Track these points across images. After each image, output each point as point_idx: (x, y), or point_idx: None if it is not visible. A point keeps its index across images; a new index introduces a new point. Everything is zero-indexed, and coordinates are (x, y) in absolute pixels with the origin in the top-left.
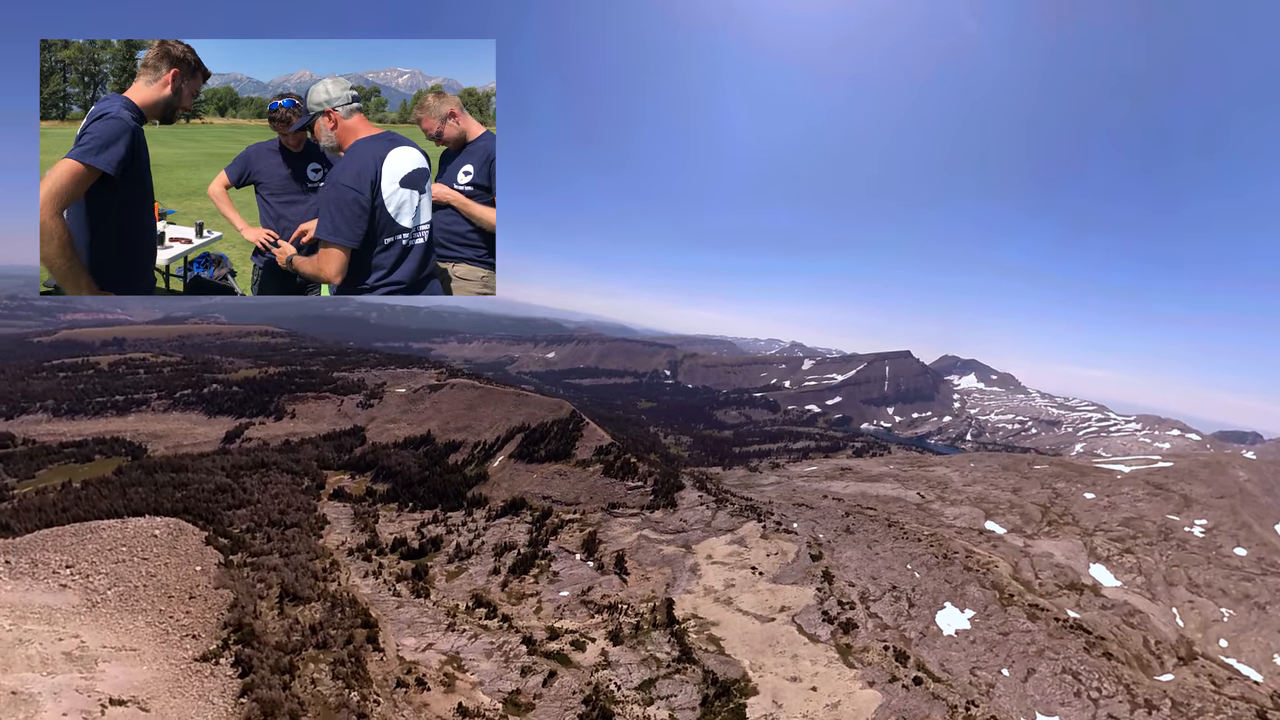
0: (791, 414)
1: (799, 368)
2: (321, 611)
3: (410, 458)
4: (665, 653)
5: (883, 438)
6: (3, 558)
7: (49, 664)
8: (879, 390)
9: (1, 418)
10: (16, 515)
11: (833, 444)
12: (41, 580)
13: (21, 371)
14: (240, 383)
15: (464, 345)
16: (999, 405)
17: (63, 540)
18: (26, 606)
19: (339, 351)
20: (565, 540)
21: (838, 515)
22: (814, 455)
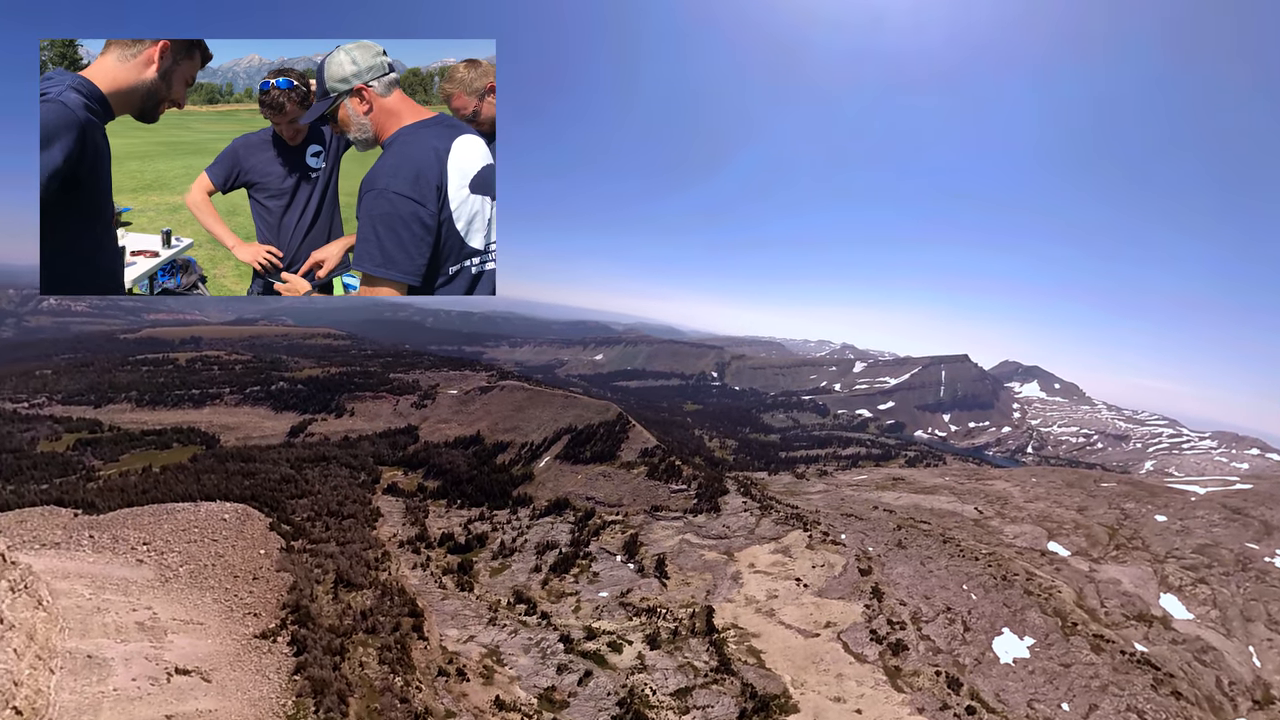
0: (841, 419)
1: (849, 370)
2: (372, 599)
3: (460, 456)
4: (703, 661)
5: (937, 447)
6: (88, 532)
7: (123, 632)
8: (934, 396)
9: (91, 406)
10: (101, 495)
11: (884, 452)
12: (121, 555)
13: (109, 365)
14: (305, 381)
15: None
16: (1062, 416)
17: (141, 519)
18: (106, 578)
19: (396, 354)
20: (607, 541)
21: (889, 528)
22: (864, 463)
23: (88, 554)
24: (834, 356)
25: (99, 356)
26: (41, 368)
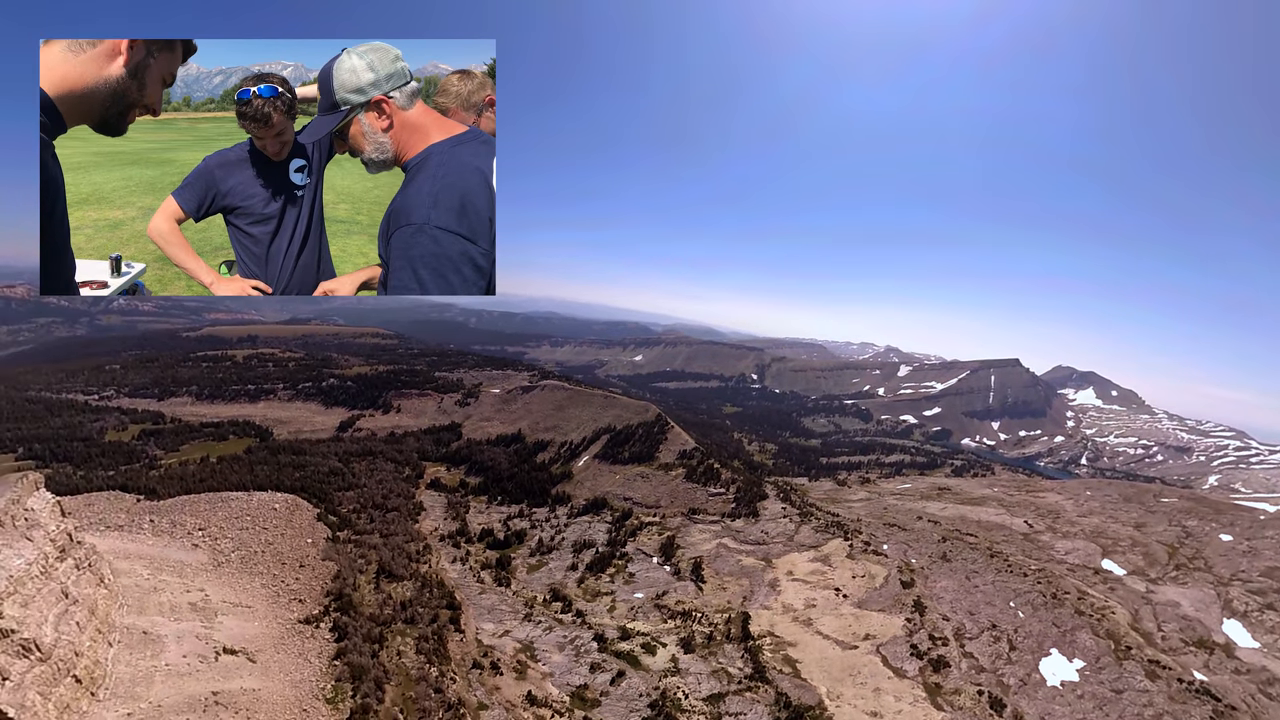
0: (885, 424)
1: (894, 374)
2: (412, 590)
3: (501, 454)
4: (737, 668)
5: (985, 456)
6: (148, 517)
7: (176, 611)
8: (983, 402)
9: (155, 399)
10: (162, 482)
11: (930, 460)
12: (178, 539)
13: (172, 361)
14: (354, 379)
15: (556, 349)
16: (1120, 426)
17: (198, 506)
18: (163, 560)
19: (441, 353)
20: (643, 542)
21: (933, 540)
22: (908, 471)
23: (148, 537)
24: (878, 359)
25: (163, 353)
26: (111, 363)
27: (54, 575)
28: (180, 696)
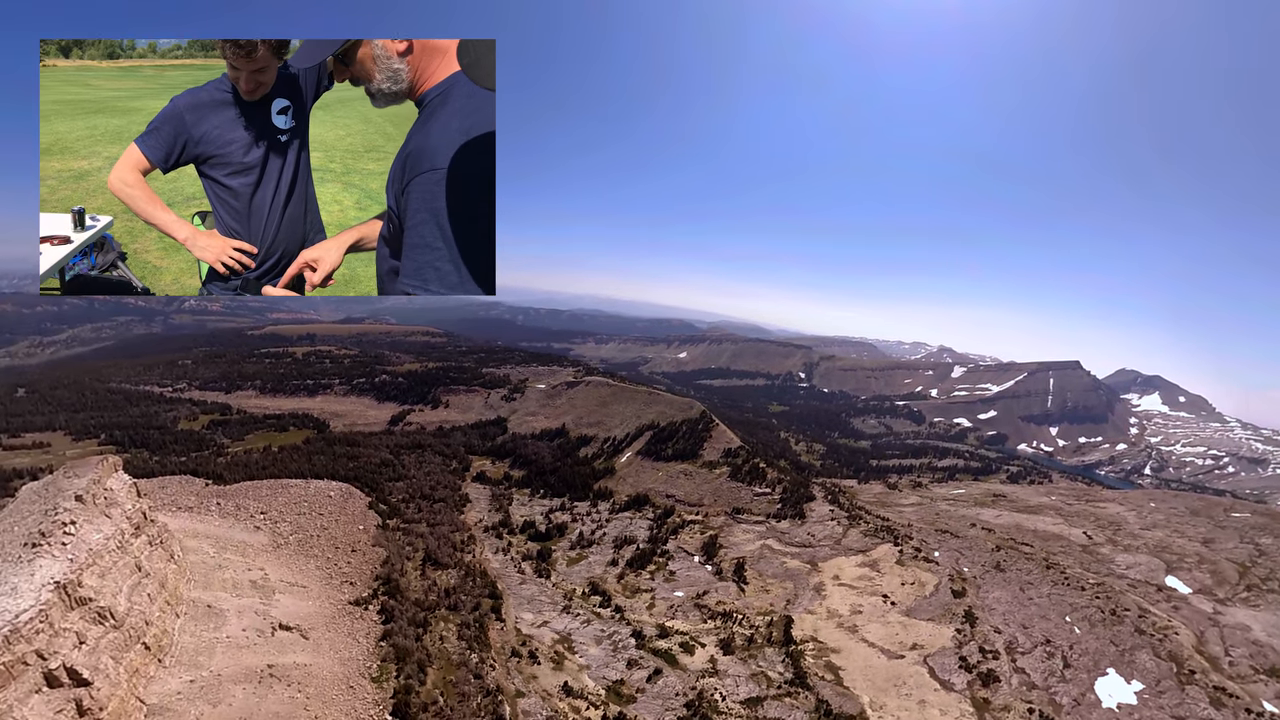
0: (938, 427)
1: (947, 375)
2: (456, 578)
3: (545, 448)
4: (778, 672)
5: (1043, 463)
6: (215, 500)
7: (238, 588)
8: (1041, 406)
9: (222, 392)
10: (228, 468)
11: (984, 465)
12: (241, 521)
13: (238, 357)
14: (404, 375)
15: (600, 345)
16: (1188, 434)
17: (260, 492)
18: (228, 540)
19: (488, 350)
20: (685, 541)
21: (987, 548)
22: (961, 476)
23: (214, 518)
24: (930, 360)
25: (230, 350)
26: (183, 358)
27: (129, 550)
28: (238, 667)
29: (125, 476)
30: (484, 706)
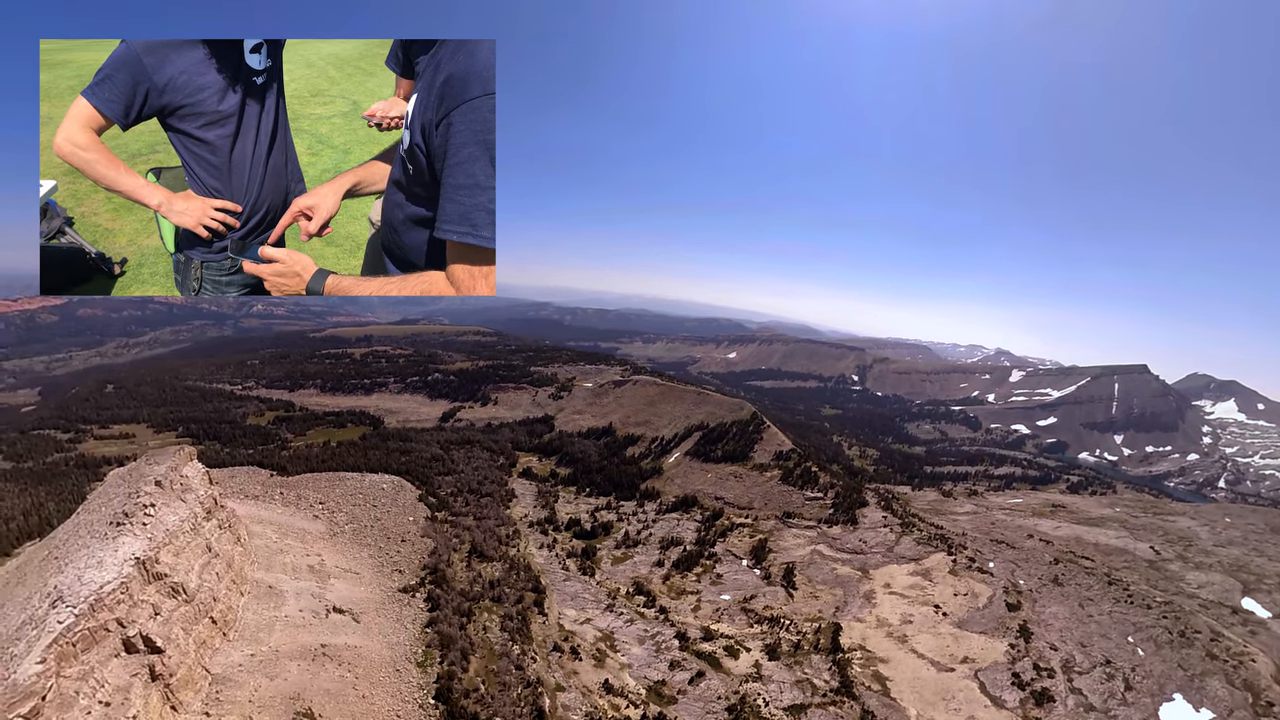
0: (995, 434)
1: (1005, 379)
2: (501, 571)
3: (592, 447)
4: (823, 680)
5: (1107, 473)
6: (279, 490)
7: (297, 571)
8: (1104, 413)
9: (286, 390)
10: (291, 461)
11: (1043, 474)
12: (302, 510)
13: (300, 358)
14: (456, 373)
15: (648, 345)
16: (1267, 445)
17: (319, 483)
18: (289, 526)
19: (536, 349)
20: (733, 544)
21: (1044, 561)
22: (1019, 485)
23: (278, 506)
24: (987, 363)
25: (293, 351)
26: (251, 358)
27: (201, 532)
28: (295, 645)
29: (199, 465)
30: (524, 697)
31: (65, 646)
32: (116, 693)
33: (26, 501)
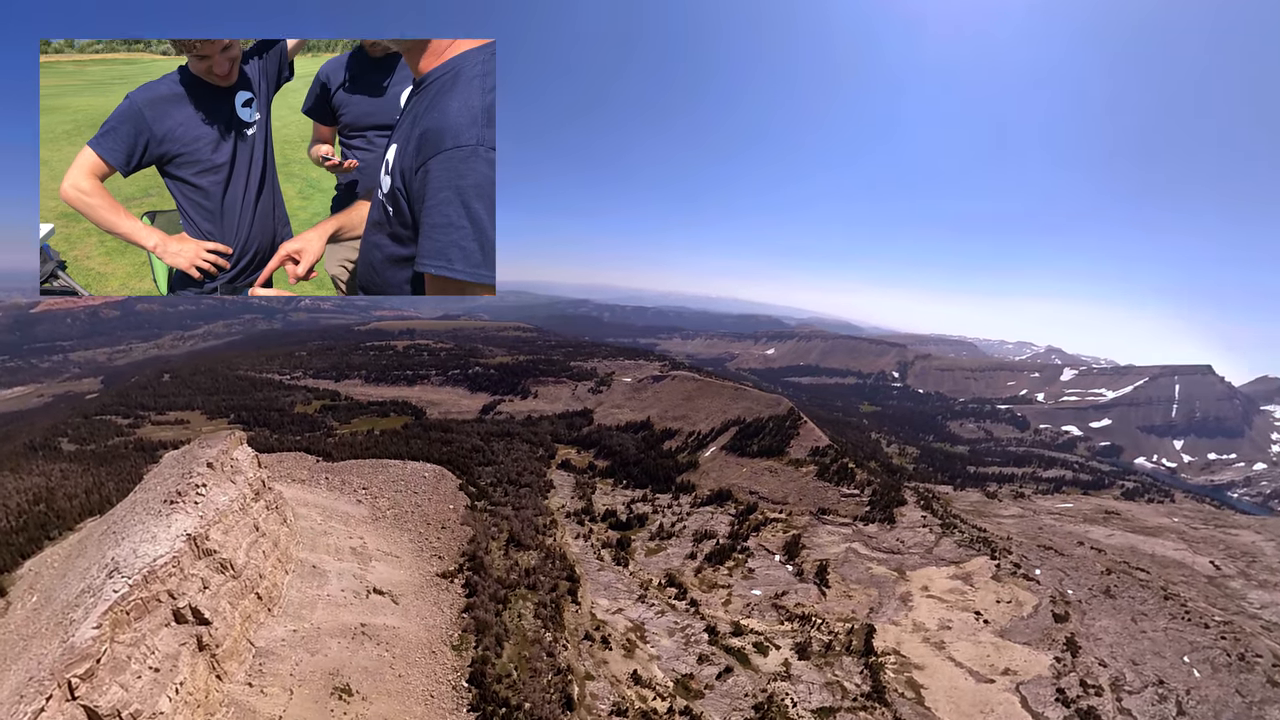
0: (1044, 435)
1: (1056, 378)
2: (537, 559)
3: (629, 440)
4: (854, 684)
5: (1164, 480)
6: (324, 475)
7: (339, 553)
8: (1163, 415)
9: (332, 380)
10: (336, 448)
11: (1095, 478)
12: (346, 494)
13: (346, 350)
14: (496, 367)
15: (687, 341)
16: None
17: (363, 469)
18: (333, 510)
19: (576, 344)
20: (766, 539)
21: (1095, 571)
22: (1069, 489)
23: (323, 490)
24: (1037, 361)
25: (339, 343)
26: (299, 350)
27: (249, 512)
28: (335, 623)
29: (249, 449)
30: (554, 684)
31: (119, 614)
32: (165, 659)
33: (88, 480)
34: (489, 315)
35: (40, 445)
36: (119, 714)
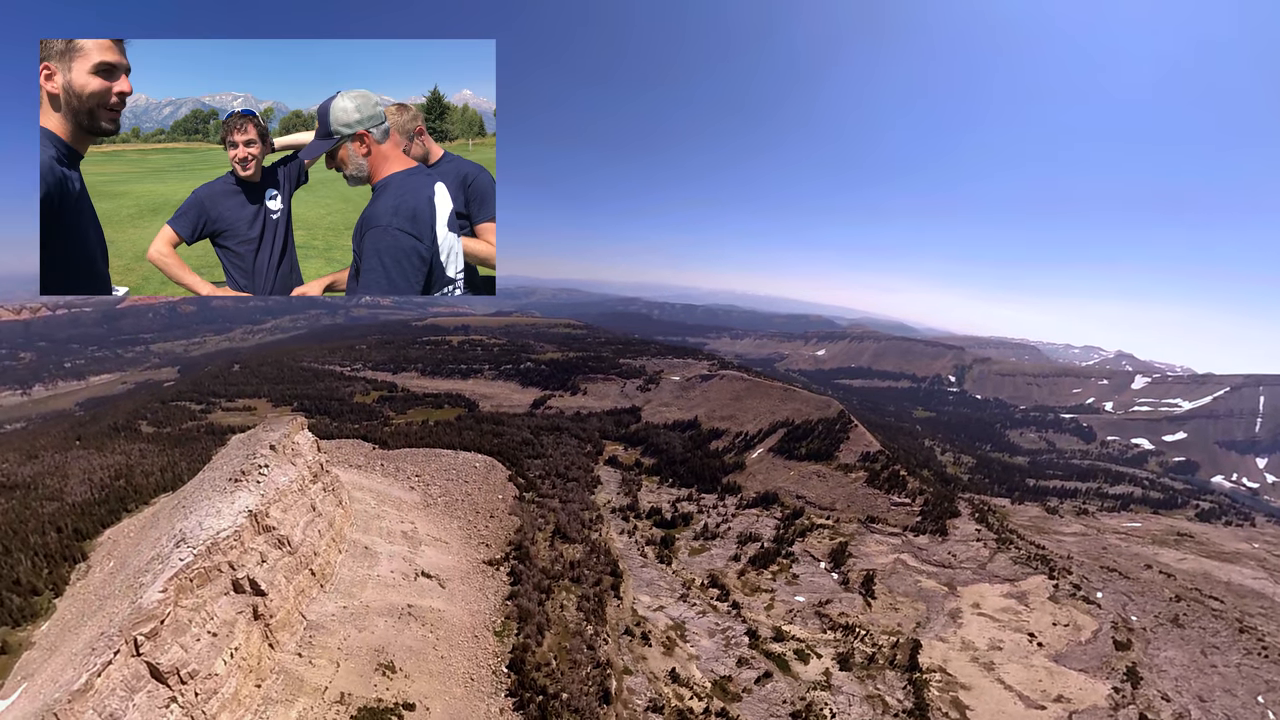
0: (1111, 447)
1: (1126, 386)
2: (581, 552)
3: (676, 439)
4: (896, 699)
5: (1244, 501)
6: (379, 461)
7: (391, 536)
8: (1246, 430)
9: (390, 372)
10: (392, 436)
11: (1167, 497)
12: (400, 481)
13: (403, 344)
14: (547, 363)
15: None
16: None
17: (417, 458)
18: (387, 495)
19: (625, 342)
20: (813, 545)
21: (1164, 597)
22: (1137, 508)
23: (378, 476)
24: (1105, 367)
25: (397, 338)
26: (359, 343)
27: (307, 493)
28: (384, 602)
29: (309, 435)
30: (592, 676)
31: (183, 580)
32: (223, 625)
33: (163, 460)
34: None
35: (122, 427)
36: (178, 672)
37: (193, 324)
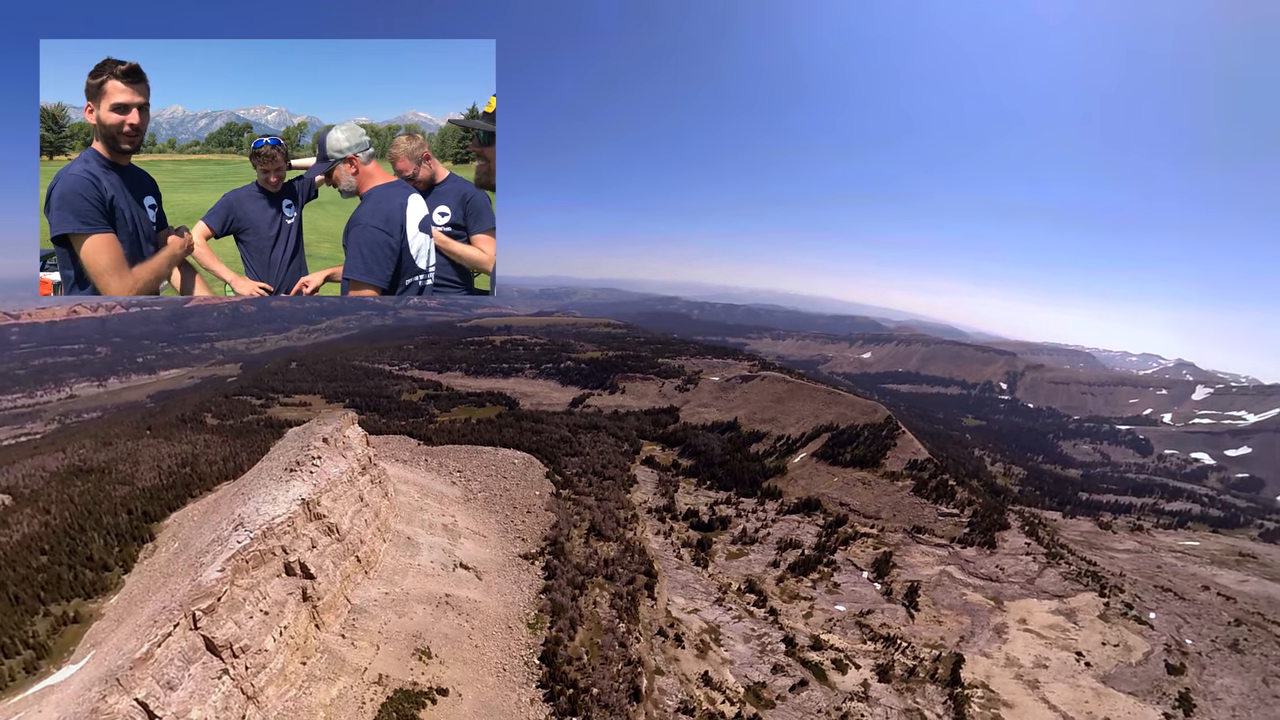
0: (1169, 461)
1: (1187, 397)
2: (616, 551)
3: (715, 440)
4: (935, 714)
5: None
6: (424, 457)
7: (432, 528)
8: None
9: (435, 371)
10: (436, 433)
11: (1229, 515)
12: (442, 476)
13: (448, 344)
14: (586, 362)
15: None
16: None
17: (459, 454)
18: (429, 489)
19: (665, 341)
20: (855, 553)
21: (1222, 620)
22: (1196, 525)
23: (421, 471)
24: (1165, 376)
25: (443, 338)
26: (406, 344)
27: (356, 484)
28: (423, 591)
29: (359, 429)
30: (623, 674)
31: (240, 562)
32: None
33: (225, 450)
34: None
35: (189, 419)
36: (231, 646)
37: (254, 323)
